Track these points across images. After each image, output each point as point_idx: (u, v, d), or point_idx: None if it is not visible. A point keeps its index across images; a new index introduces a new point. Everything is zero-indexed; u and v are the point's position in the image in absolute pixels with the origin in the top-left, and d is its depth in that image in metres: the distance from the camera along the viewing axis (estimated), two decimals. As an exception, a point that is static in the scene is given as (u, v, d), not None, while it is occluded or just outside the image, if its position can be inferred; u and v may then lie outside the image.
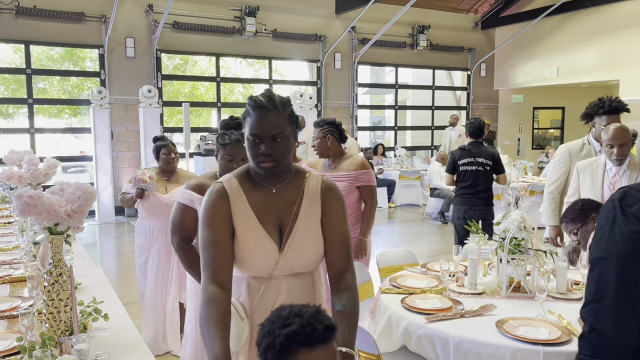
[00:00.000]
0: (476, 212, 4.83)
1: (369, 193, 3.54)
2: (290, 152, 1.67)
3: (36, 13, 8.79)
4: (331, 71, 11.74)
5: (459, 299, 2.56)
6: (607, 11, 11.33)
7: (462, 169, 4.93)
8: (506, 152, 10.61)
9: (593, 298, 1.59)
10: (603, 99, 3.42)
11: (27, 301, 2.36)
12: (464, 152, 4.96)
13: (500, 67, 13.88)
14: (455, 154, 5.02)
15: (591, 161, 3.32)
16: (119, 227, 8.62)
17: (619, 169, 3.13)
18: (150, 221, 3.75)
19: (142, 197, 3.66)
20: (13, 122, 11.65)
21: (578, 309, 2.40)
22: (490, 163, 4.90)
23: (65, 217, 1.92)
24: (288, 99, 1.69)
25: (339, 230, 1.73)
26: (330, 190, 1.75)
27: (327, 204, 1.73)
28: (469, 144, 5.00)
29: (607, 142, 3.04)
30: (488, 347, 2.07)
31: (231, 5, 10.51)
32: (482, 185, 4.86)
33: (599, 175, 3.20)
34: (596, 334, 1.57)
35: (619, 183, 3.11)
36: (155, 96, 9.10)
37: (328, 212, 1.73)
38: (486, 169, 4.89)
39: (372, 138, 15.38)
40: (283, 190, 1.71)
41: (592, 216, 2.48)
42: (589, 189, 3.24)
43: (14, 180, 4.27)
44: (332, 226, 1.72)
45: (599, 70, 11.64)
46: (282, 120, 1.63)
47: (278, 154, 1.63)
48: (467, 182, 4.90)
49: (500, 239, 2.69)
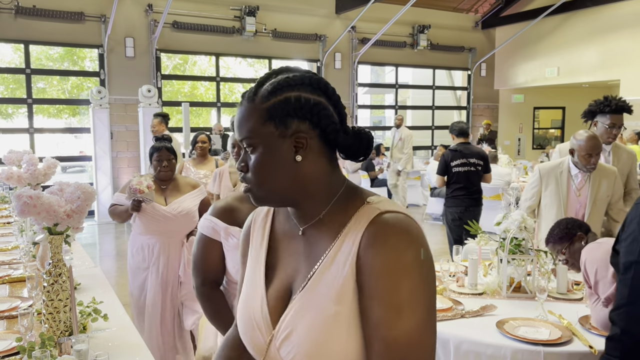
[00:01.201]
0: (470, 212, 4.85)
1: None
2: (277, 170, 0.98)
3: (35, 13, 8.78)
4: (331, 71, 11.73)
5: (459, 299, 2.55)
6: (607, 11, 11.32)
7: (455, 170, 4.92)
8: (507, 152, 10.61)
9: (627, 301, 1.58)
10: (609, 97, 3.42)
11: (27, 301, 2.36)
12: (456, 153, 4.95)
13: (501, 67, 13.88)
14: (448, 156, 5.00)
15: (554, 165, 3.29)
16: (119, 228, 8.62)
17: (584, 175, 3.18)
18: (149, 237, 3.20)
19: (138, 210, 3.10)
20: (12, 122, 11.65)
21: (578, 310, 2.41)
22: (481, 163, 4.95)
23: (65, 217, 1.91)
24: (285, 81, 1.00)
25: (384, 321, 0.89)
26: (378, 243, 0.91)
27: (368, 268, 0.91)
28: (459, 145, 4.98)
29: (587, 151, 3.05)
30: (488, 347, 2.06)
31: (231, 5, 10.50)
32: (475, 185, 4.92)
33: (564, 180, 3.21)
34: (629, 337, 1.57)
35: (585, 188, 3.16)
36: (154, 96, 9.09)
37: (368, 284, 0.91)
38: (477, 169, 4.93)
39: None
40: (312, 234, 1.02)
41: (578, 235, 2.46)
42: (554, 193, 3.24)
43: (13, 180, 4.26)
44: (374, 315, 0.90)
45: (600, 70, 11.63)
46: (254, 117, 0.98)
47: (250, 172, 1.00)
48: (461, 184, 4.90)
49: (500, 239, 2.68)
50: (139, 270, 3.23)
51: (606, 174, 3.18)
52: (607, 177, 3.17)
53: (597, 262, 2.12)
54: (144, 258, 3.21)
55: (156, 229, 3.18)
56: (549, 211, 3.27)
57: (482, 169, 4.95)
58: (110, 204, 3.35)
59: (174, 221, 3.17)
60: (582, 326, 2.20)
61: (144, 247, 3.22)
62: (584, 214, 3.15)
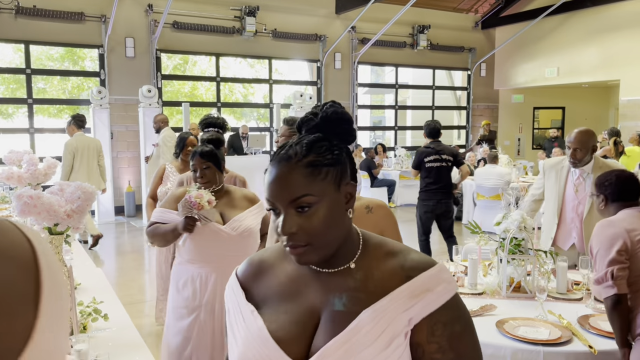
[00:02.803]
0: (442, 205, 5.41)
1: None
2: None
3: (36, 13, 8.79)
4: (331, 71, 11.73)
5: (459, 299, 2.55)
6: (607, 11, 11.32)
7: (428, 165, 5.40)
8: (506, 152, 10.59)
9: None
10: None
11: (27, 301, 2.35)
12: (430, 150, 5.44)
13: (501, 67, 13.88)
14: (421, 153, 5.50)
15: (557, 161, 3.39)
16: (119, 227, 8.62)
17: (582, 172, 3.20)
18: (200, 266, 2.48)
19: (192, 231, 2.42)
20: (13, 122, 11.65)
21: (578, 309, 2.41)
22: (451, 159, 5.45)
23: (65, 217, 1.91)
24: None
25: None
26: None
27: None
28: (432, 143, 5.47)
29: (568, 143, 3.16)
30: (488, 347, 2.06)
31: (231, 5, 10.51)
32: (446, 180, 5.42)
33: (563, 175, 3.26)
34: None
35: (582, 185, 3.18)
36: (155, 96, 9.10)
37: None
38: (448, 164, 5.43)
39: (372, 138, 15.38)
40: None
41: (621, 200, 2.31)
42: (553, 187, 3.31)
43: (13, 180, 4.26)
44: None
45: (600, 70, 11.63)
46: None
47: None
48: (432, 179, 5.40)
49: (500, 239, 2.69)
50: (185, 311, 2.47)
51: None
52: None
53: (601, 243, 2.15)
54: (195, 294, 2.46)
55: (212, 255, 2.47)
56: (547, 205, 3.35)
57: (452, 164, 5.46)
58: (150, 222, 2.59)
59: (235, 244, 2.49)
60: (581, 326, 2.21)
61: (194, 279, 2.47)
62: (582, 211, 3.16)
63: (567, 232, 3.24)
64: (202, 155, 2.53)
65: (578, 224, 3.18)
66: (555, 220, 3.26)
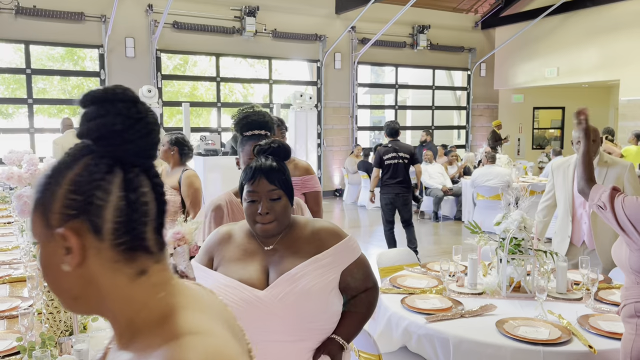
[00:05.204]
0: (400, 197, 5.97)
1: (315, 200, 3.09)
2: None
3: (36, 13, 8.79)
4: (331, 71, 11.73)
5: (459, 299, 2.55)
6: (607, 11, 11.32)
7: (387, 162, 5.92)
8: (506, 152, 10.61)
9: None
10: None
11: (27, 301, 2.36)
12: (389, 148, 5.95)
13: (500, 67, 13.88)
14: (381, 151, 5.99)
15: (563, 160, 3.41)
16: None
17: None
18: None
19: None
20: (13, 122, 11.66)
21: (578, 309, 2.41)
22: (408, 157, 5.94)
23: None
24: None
25: None
26: None
27: None
28: (391, 142, 5.97)
29: (573, 139, 3.11)
30: (488, 347, 2.06)
31: (231, 5, 10.51)
32: (402, 175, 5.93)
33: (570, 173, 3.28)
34: None
35: None
36: (155, 96, 9.09)
37: None
38: (405, 162, 5.93)
39: (372, 138, 15.38)
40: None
41: None
42: (561, 185, 3.33)
43: (13, 180, 4.24)
44: None
45: (599, 70, 11.63)
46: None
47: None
48: (391, 174, 5.92)
49: (500, 239, 2.69)
50: None
51: (615, 168, 3.16)
52: (616, 171, 3.14)
53: None
54: None
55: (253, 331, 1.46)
56: (558, 205, 3.37)
57: (408, 161, 5.95)
58: None
59: (280, 318, 1.50)
60: (581, 326, 2.21)
61: None
62: (589, 207, 3.16)
63: (578, 229, 3.26)
64: (269, 176, 1.52)
65: (587, 219, 3.19)
66: (569, 217, 3.27)
